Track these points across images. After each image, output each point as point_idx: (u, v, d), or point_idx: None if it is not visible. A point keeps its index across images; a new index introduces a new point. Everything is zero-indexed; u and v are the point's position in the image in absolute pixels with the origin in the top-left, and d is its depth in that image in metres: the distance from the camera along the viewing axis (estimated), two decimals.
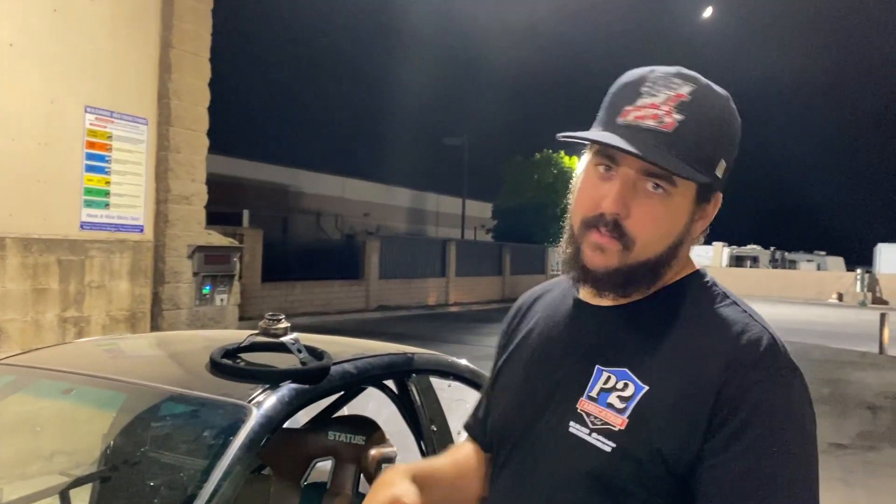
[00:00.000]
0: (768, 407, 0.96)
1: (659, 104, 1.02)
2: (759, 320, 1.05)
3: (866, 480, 6.07)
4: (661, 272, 1.08)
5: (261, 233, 16.31)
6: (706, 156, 1.03)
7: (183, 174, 6.31)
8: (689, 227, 1.08)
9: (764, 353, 0.99)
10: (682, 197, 1.05)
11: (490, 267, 25.94)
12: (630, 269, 1.06)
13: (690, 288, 1.10)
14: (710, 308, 1.07)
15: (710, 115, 1.04)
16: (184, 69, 6.25)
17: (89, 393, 2.31)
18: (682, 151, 1.01)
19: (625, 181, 1.04)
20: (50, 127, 5.33)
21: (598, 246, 1.05)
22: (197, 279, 6.41)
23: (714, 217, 1.12)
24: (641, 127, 1.02)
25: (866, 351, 14.72)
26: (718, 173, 1.06)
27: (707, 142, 1.03)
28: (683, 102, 1.02)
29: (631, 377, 1.03)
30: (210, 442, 1.86)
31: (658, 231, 1.05)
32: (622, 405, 1.02)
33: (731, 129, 1.08)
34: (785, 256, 44.68)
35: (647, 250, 1.05)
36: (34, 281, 5.24)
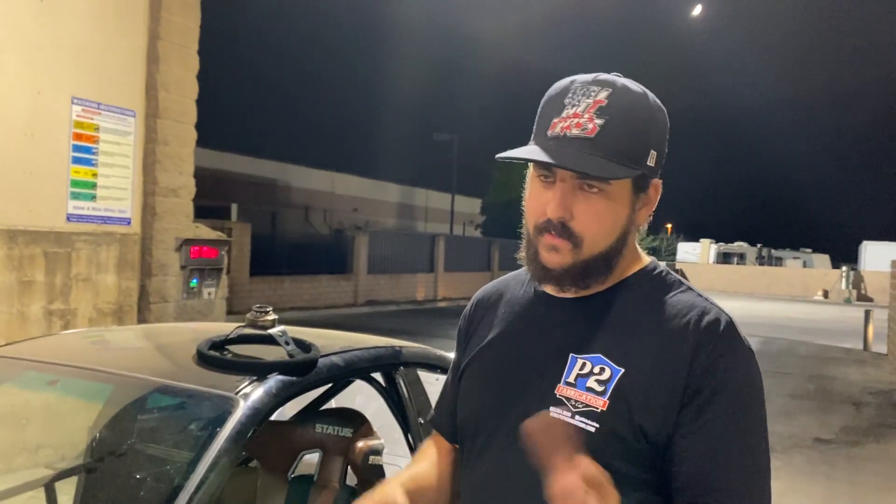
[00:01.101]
0: (732, 378, 1.08)
1: (581, 112, 1.12)
2: (714, 303, 1.16)
3: (850, 475, 6.13)
4: (613, 261, 1.17)
5: (249, 227, 16.26)
6: (632, 151, 1.13)
7: (171, 167, 6.28)
8: (632, 217, 1.18)
9: (724, 332, 1.11)
10: (620, 191, 1.14)
11: (478, 262, 25.96)
12: (584, 263, 1.15)
13: (647, 278, 1.21)
14: (669, 295, 1.17)
15: (630, 113, 1.13)
16: (172, 61, 6.21)
17: (76, 385, 2.30)
18: (607, 152, 1.10)
19: (563, 188, 1.13)
20: (36, 118, 5.29)
21: (552, 246, 1.15)
22: (184, 272, 6.39)
23: (657, 201, 1.22)
24: (568, 136, 1.12)
25: (851, 347, 14.86)
26: (650, 163, 1.16)
27: (631, 138, 1.12)
28: (602, 107, 1.11)
29: (606, 362, 1.11)
30: (197, 434, 1.86)
31: (603, 226, 1.14)
32: (601, 388, 1.10)
33: (655, 120, 1.16)
34: (771, 253, 44.95)
35: (596, 245, 1.15)
36: (20, 273, 5.20)
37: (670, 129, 1.24)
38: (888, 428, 7.92)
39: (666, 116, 1.20)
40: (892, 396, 9.70)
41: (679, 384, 1.08)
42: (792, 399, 9.20)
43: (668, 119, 1.22)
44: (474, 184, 39.63)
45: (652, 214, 1.24)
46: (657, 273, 1.23)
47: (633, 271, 1.22)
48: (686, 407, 1.07)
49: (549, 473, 0.93)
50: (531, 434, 0.96)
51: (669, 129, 1.21)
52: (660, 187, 1.21)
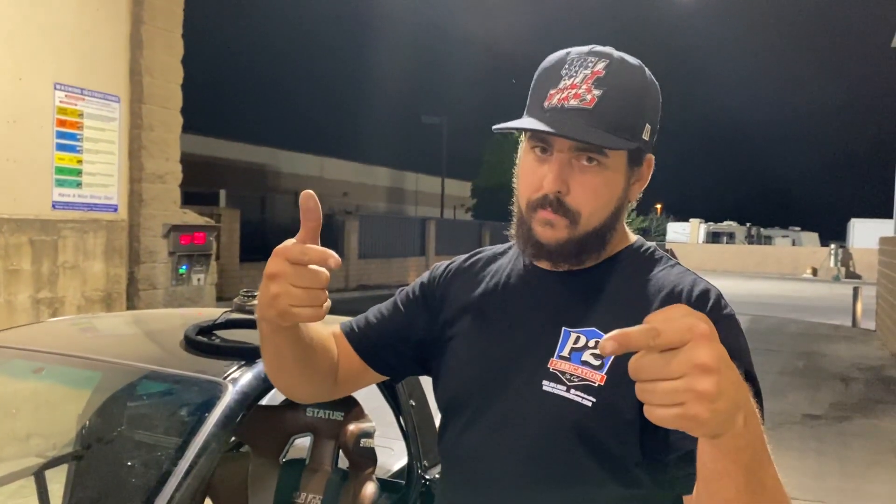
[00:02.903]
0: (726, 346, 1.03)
1: (578, 83, 1.10)
2: (702, 278, 1.17)
3: (839, 450, 6.19)
4: (608, 237, 1.17)
5: (238, 213, 16.18)
6: (629, 123, 1.11)
7: (157, 153, 6.22)
8: (626, 192, 1.17)
9: (715, 303, 1.11)
10: (616, 165, 1.13)
11: (470, 245, 25.91)
12: (580, 238, 1.14)
13: (636, 255, 1.21)
14: (658, 270, 1.18)
15: (627, 85, 1.11)
16: (156, 46, 6.14)
17: (64, 372, 2.29)
18: (605, 123, 1.08)
19: (560, 161, 1.11)
20: (18, 105, 5.22)
21: (547, 222, 1.12)
22: (173, 259, 6.35)
23: (650, 177, 1.21)
24: (566, 108, 1.09)
25: (839, 324, 14.98)
26: (645, 137, 1.15)
27: (628, 110, 1.11)
28: (600, 78, 1.10)
29: (601, 335, 1.08)
30: (185, 419, 1.85)
31: (599, 201, 1.13)
32: (598, 362, 1.09)
33: (650, 94, 1.15)
34: (760, 232, 45.15)
35: (592, 220, 1.13)
36: (6, 262, 5.15)
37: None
38: (876, 403, 7.99)
39: (659, 91, 1.19)
40: (880, 372, 9.79)
41: None
42: (781, 376, 9.27)
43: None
44: (465, 167, 39.57)
45: (642, 192, 1.23)
46: (645, 250, 1.23)
47: (622, 248, 1.22)
48: None
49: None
50: None
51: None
52: (652, 163, 1.20)
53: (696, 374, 0.71)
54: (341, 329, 1.33)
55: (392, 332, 1.30)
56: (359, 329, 1.31)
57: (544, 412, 1.10)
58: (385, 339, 1.30)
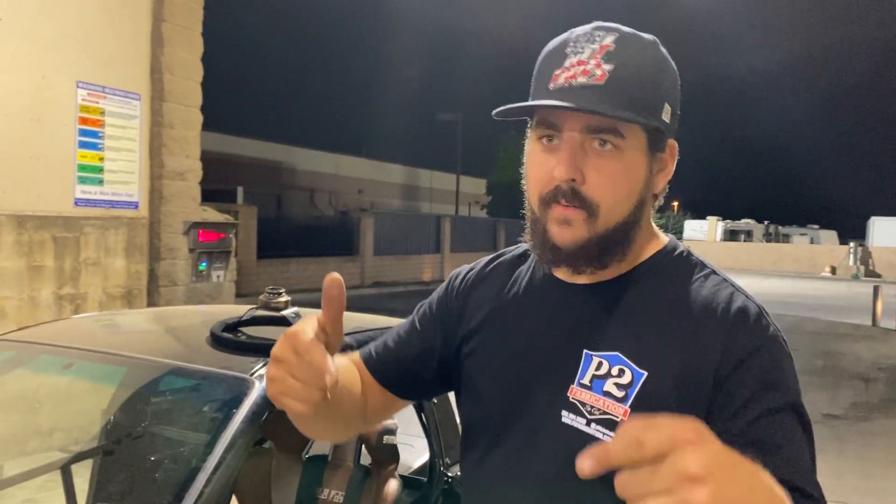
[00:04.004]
0: (767, 377, 0.95)
1: (586, 59, 0.98)
2: (741, 289, 1.03)
3: (859, 450, 6.14)
4: (632, 234, 1.03)
5: (255, 210, 16.26)
6: (647, 100, 0.99)
7: (177, 150, 6.26)
8: (649, 182, 1.04)
9: (755, 323, 0.98)
10: (635, 149, 1.00)
11: (484, 243, 25.94)
12: (601, 236, 1.01)
13: (668, 260, 1.07)
14: (692, 281, 1.03)
15: (641, 59, 1.00)
16: (176, 44, 6.18)
17: (89, 368, 2.31)
18: (619, 99, 0.96)
19: (571, 145, 0.99)
20: (41, 103, 5.28)
21: (564, 219, 1.00)
22: (193, 255, 6.40)
23: (674, 167, 1.07)
24: (574, 86, 0.97)
25: (859, 323, 14.83)
26: (665, 118, 1.01)
27: (644, 85, 0.99)
28: (610, 52, 0.98)
29: (626, 362, 0.98)
30: (212, 415, 1.86)
31: (619, 190, 1.00)
32: (622, 393, 0.97)
33: (667, 71, 1.03)
34: (778, 230, 44.81)
35: (613, 213, 1.00)
36: (29, 258, 5.21)
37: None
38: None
39: (676, 72, 1.06)
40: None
41: (705, 388, 0.95)
42: (801, 375, 9.10)
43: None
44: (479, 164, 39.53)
45: (669, 185, 1.09)
46: (678, 254, 1.08)
47: (651, 252, 1.07)
48: (719, 414, 0.93)
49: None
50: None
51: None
52: (676, 151, 1.07)
53: (684, 486, 0.62)
54: (361, 358, 1.23)
55: (413, 356, 1.20)
56: (378, 357, 1.22)
57: (562, 447, 0.99)
58: (407, 365, 1.20)
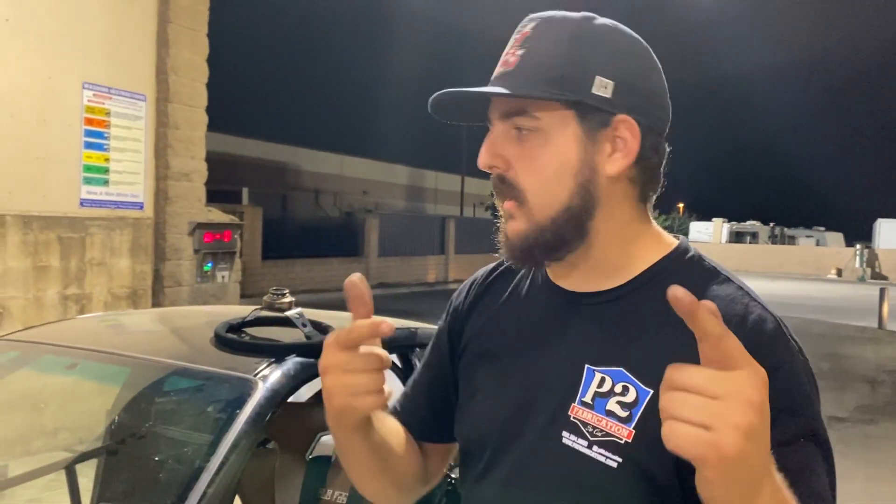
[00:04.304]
0: (785, 401, 0.85)
1: (509, 50, 0.97)
2: (757, 298, 0.95)
3: (865, 453, 6.11)
4: (585, 220, 0.96)
5: (260, 211, 16.29)
6: (561, 75, 0.93)
7: (182, 151, 6.28)
8: (590, 163, 0.95)
9: (772, 340, 0.90)
10: (559, 129, 0.94)
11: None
12: (543, 229, 0.95)
13: (677, 266, 0.98)
14: (703, 288, 0.94)
15: (556, 38, 0.95)
16: (181, 45, 6.20)
17: (94, 368, 2.32)
18: (525, 80, 0.93)
19: (493, 133, 0.98)
20: (47, 103, 5.29)
21: (507, 213, 0.98)
22: (198, 256, 6.41)
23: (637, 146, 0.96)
24: (493, 78, 0.97)
25: (865, 326, 14.78)
26: (600, 92, 0.93)
27: (556, 62, 0.93)
28: (526, 37, 0.96)
29: (630, 379, 0.91)
30: (216, 416, 1.87)
31: (543, 173, 0.94)
32: (625, 413, 0.90)
33: (597, 42, 0.95)
34: (784, 232, 44.70)
35: (545, 199, 0.95)
36: (35, 258, 5.23)
37: (676, 107, 1.03)
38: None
39: (635, 44, 0.98)
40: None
41: None
42: None
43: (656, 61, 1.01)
44: None
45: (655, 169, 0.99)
46: (689, 258, 0.99)
47: (659, 256, 0.99)
48: None
49: None
50: None
51: (672, 98, 1.01)
52: (635, 128, 0.95)
53: (738, 401, 0.62)
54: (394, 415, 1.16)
55: (434, 394, 1.15)
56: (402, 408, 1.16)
57: (563, 470, 0.93)
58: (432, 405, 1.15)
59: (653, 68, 1.00)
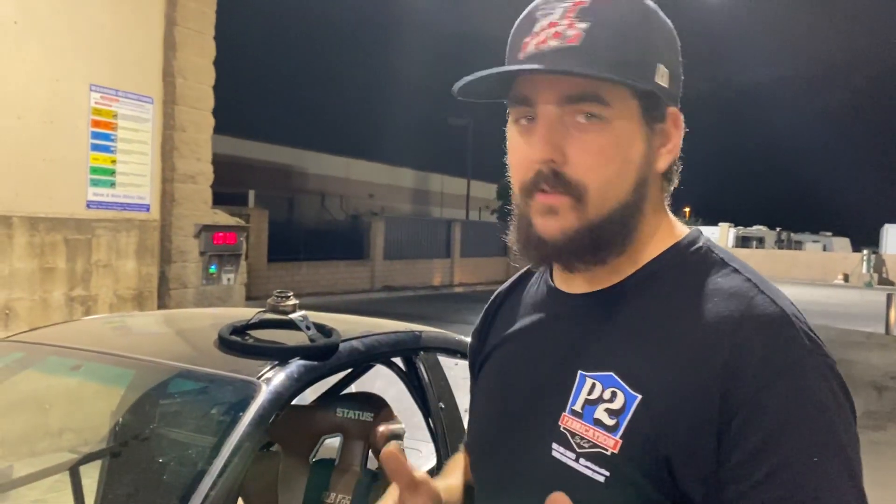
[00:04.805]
0: (793, 410, 0.76)
1: (557, 20, 0.85)
2: (767, 290, 0.84)
3: (872, 460, 6.05)
4: (632, 222, 0.89)
5: (266, 213, 16.33)
6: (634, 60, 0.85)
7: (188, 153, 6.29)
8: (649, 158, 0.89)
9: (778, 336, 0.79)
10: (625, 118, 0.86)
11: (495, 248, 25.91)
12: (593, 224, 0.86)
13: (680, 259, 0.90)
14: (706, 281, 0.86)
15: (622, 13, 0.85)
16: (188, 47, 6.21)
17: (98, 370, 2.32)
18: (598, 60, 0.82)
19: (548, 120, 0.86)
20: (55, 105, 5.31)
21: (548, 208, 0.87)
22: (204, 258, 6.42)
23: (681, 143, 0.92)
24: (544, 51, 0.84)
25: (872, 331, 14.71)
26: (661, 81, 0.87)
27: (628, 43, 0.84)
28: (584, 8, 0.84)
29: (619, 384, 0.84)
30: (219, 418, 1.86)
31: (608, 167, 0.85)
32: (612, 421, 0.83)
33: (658, 28, 0.89)
34: (791, 237, 44.59)
35: (605, 195, 0.86)
36: (41, 260, 5.24)
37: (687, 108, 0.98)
38: None
39: (674, 33, 0.92)
40: None
41: (710, 418, 0.78)
42: None
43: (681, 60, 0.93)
44: (490, 169, 39.49)
45: (679, 163, 0.94)
46: (695, 250, 0.91)
47: (663, 248, 0.92)
48: (730, 455, 0.77)
49: None
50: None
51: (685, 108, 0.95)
52: (681, 121, 0.91)
53: None
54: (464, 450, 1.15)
55: None
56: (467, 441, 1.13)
57: (552, 486, 0.82)
58: None
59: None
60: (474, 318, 1.20)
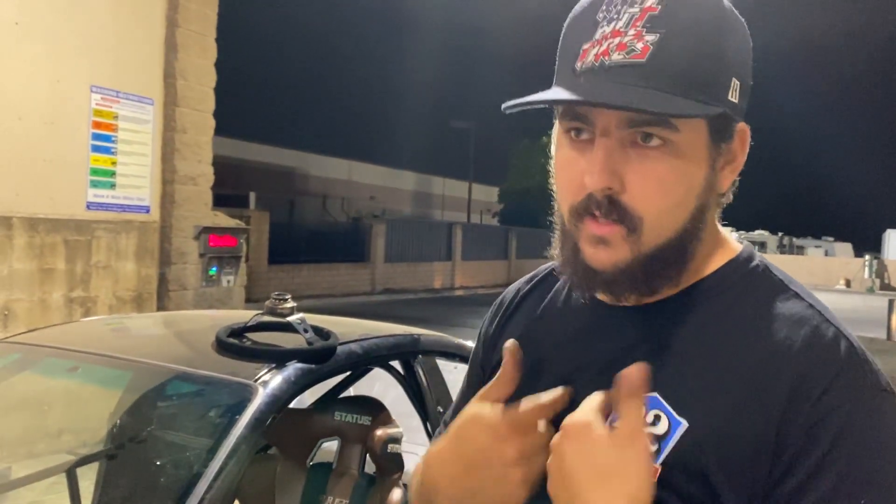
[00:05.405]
0: (852, 443, 0.72)
1: (622, 29, 0.76)
2: (832, 318, 0.79)
3: None
4: (689, 251, 0.82)
5: (267, 215, 16.32)
6: (707, 78, 0.76)
7: (189, 155, 6.29)
8: (711, 182, 0.81)
9: (842, 368, 0.74)
10: (692, 143, 0.78)
11: (496, 251, 25.91)
12: (647, 257, 0.80)
13: (738, 277, 0.84)
14: (765, 304, 0.80)
15: (698, 23, 0.76)
16: (190, 49, 6.22)
17: (96, 371, 2.31)
18: (669, 82, 0.74)
19: (606, 145, 0.77)
20: (56, 106, 5.31)
21: (599, 239, 0.80)
22: (203, 260, 6.42)
23: (745, 158, 0.84)
24: (606, 65, 0.76)
25: (874, 337, 14.67)
26: (733, 98, 0.79)
27: (703, 59, 0.76)
28: (654, 17, 0.75)
29: (664, 407, 0.78)
30: (216, 421, 1.86)
31: (669, 197, 0.78)
32: (654, 447, 0.77)
33: (733, 32, 0.79)
34: (793, 242, 44.58)
35: (662, 226, 0.79)
36: (41, 261, 5.24)
37: None
38: None
39: (747, 34, 0.82)
40: None
41: (764, 449, 0.73)
42: None
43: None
44: (492, 172, 39.57)
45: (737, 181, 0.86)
46: (753, 268, 0.85)
47: (716, 265, 0.85)
48: (781, 480, 0.73)
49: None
50: None
51: None
52: (748, 136, 0.83)
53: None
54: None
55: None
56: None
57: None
58: None
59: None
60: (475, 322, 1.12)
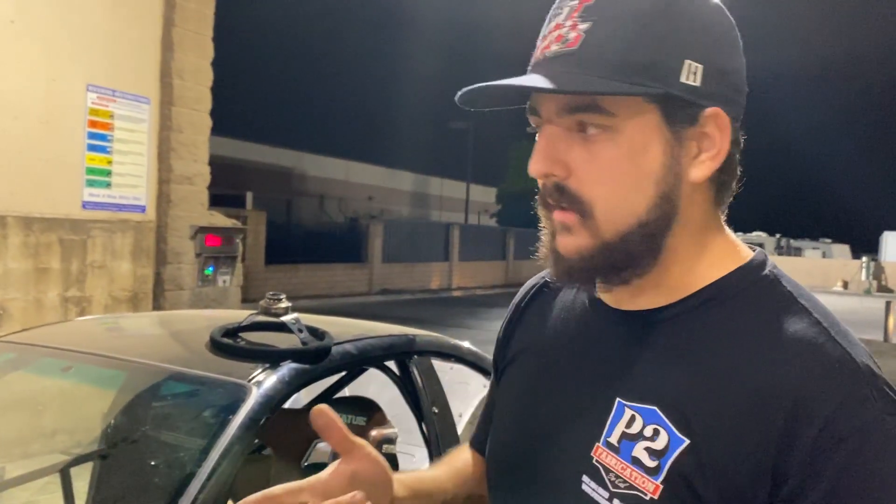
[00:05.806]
0: (846, 482, 0.69)
1: (562, 21, 0.78)
2: (840, 335, 0.75)
3: None
4: (660, 242, 0.80)
5: (264, 215, 16.31)
6: (644, 60, 0.75)
7: (185, 154, 6.28)
8: (674, 168, 0.78)
9: (844, 395, 0.70)
10: (638, 127, 0.77)
11: (493, 251, 25.92)
12: (609, 244, 0.78)
13: (745, 286, 0.80)
14: (770, 318, 0.76)
15: (633, 8, 0.76)
16: (186, 48, 6.20)
17: (90, 371, 2.30)
18: (601, 67, 0.74)
19: (549, 130, 0.79)
20: (51, 105, 5.30)
21: (563, 226, 0.80)
22: (199, 260, 6.40)
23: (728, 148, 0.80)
24: (547, 57, 0.78)
25: (871, 339, 14.68)
26: (690, 80, 0.76)
27: (637, 42, 0.75)
28: (589, 6, 0.76)
29: (664, 422, 0.76)
30: (209, 421, 1.85)
31: (617, 182, 0.77)
32: (653, 463, 0.75)
33: (683, 18, 0.77)
34: (790, 244, 44.63)
35: (618, 212, 0.78)
36: (36, 260, 5.22)
37: None
38: None
39: (718, 12, 0.80)
40: None
41: (765, 471, 0.71)
42: None
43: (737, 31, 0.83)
44: (490, 172, 39.58)
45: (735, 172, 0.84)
46: (762, 277, 0.81)
47: (724, 271, 0.82)
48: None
49: None
50: None
51: None
52: (725, 121, 0.79)
53: None
54: (474, 448, 1.09)
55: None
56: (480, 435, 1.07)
57: None
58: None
59: (737, 41, 0.82)
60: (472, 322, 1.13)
